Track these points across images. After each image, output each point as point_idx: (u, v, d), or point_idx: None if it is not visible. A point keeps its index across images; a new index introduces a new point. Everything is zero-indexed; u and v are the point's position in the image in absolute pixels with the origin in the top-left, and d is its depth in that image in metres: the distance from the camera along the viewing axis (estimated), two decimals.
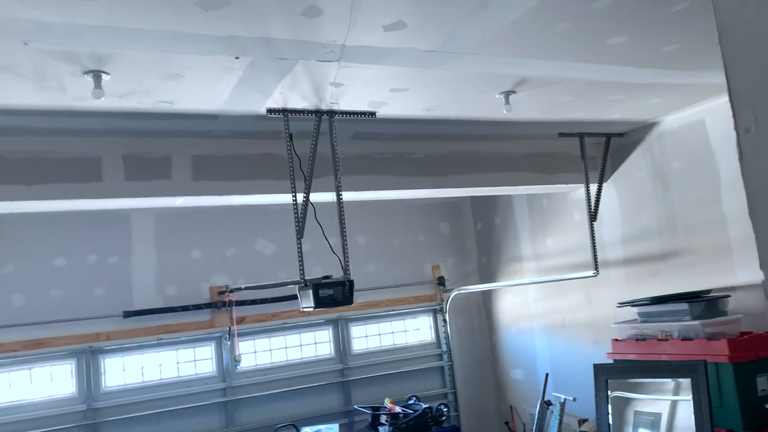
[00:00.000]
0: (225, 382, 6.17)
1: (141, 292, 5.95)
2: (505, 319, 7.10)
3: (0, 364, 5.39)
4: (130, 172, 4.13)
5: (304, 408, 6.33)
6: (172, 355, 6.10)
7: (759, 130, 0.99)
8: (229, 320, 6.17)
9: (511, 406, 6.88)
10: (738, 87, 0.98)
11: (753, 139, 1.00)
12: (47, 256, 5.67)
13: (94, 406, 5.64)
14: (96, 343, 5.71)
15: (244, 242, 6.42)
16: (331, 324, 6.81)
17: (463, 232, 7.59)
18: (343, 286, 3.91)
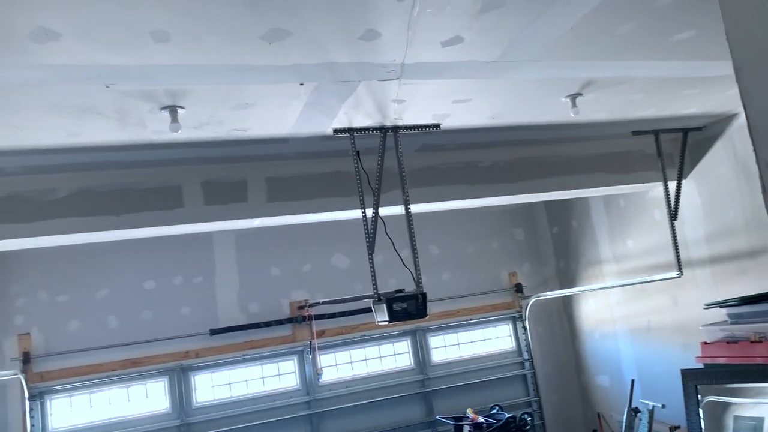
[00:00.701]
0: (309, 395, 6.31)
1: (225, 310, 6.19)
2: (587, 324, 6.92)
3: (100, 383, 5.75)
4: (209, 197, 4.33)
5: (387, 419, 6.39)
6: (257, 370, 6.31)
7: None
8: (310, 334, 6.32)
9: (598, 414, 6.68)
10: (757, 122, 0.94)
11: None
12: (138, 280, 6.00)
13: (187, 420, 5.90)
14: (186, 361, 5.98)
15: (319, 257, 6.57)
16: (409, 335, 6.84)
17: (538, 237, 7.47)
18: (416, 299, 3.93)
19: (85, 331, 5.73)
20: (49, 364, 5.57)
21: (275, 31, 2.48)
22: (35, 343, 5.57)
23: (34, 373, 5.50)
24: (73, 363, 5.62)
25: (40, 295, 5.71)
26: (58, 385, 5.60)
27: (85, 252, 5.82)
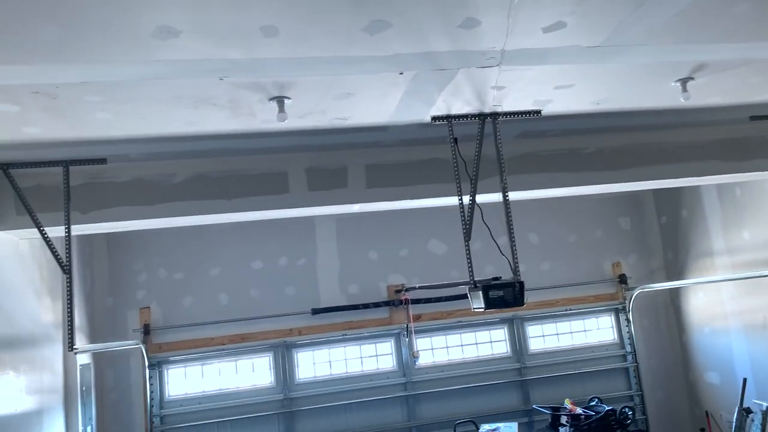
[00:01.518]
0: (405, 376, 6.44)
1: (326, 291, 6.43)
2: (696, 318, 6.59)
3: (211, 355, 6.16)
4: (312, 183, 4.51)
5: (483, 405, 6.41)
6: (356, 350, 6.51)
7: None
8: (406, 317, 6.43)
9: (707, 412, 6.37)
10: None
11: None
12: (246, 260, 6.34)
13: (290, 395, 6.20)
14: (289, 338, 6.28)
15: (416, 243, 6.66)
16: (506, 323, 6.81)
17: (645, 227, 7.17)
18: (513, 288, 3.92)
19: (198, 306, 6.15)
20: (167, 336, 6.03)
21: (376, 23, 2.55)
22: (154, 316, 6.04)
23: (153, 343, 5.98)
24: (188, 336, 6.05)
25: (160, 272, 6.17)
26: (173, 355, 6.06)
27: (199, 233, 6.22)
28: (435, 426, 6.30)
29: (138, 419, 5.88)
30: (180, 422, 5.97)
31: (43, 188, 4.11)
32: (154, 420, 5.89)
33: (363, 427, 6.24)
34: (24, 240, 4.43)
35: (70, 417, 5.03)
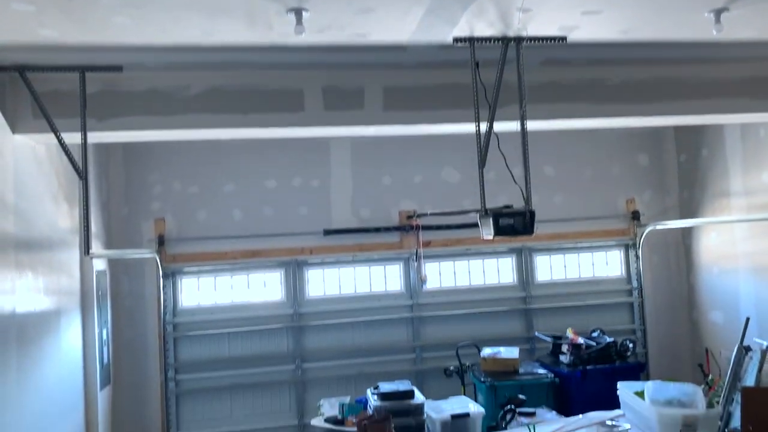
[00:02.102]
0: (412, 299, 6.58)
1: (338, 213, 6.48)
2: (706, 258, 6.60)
3: (224, 269, 6.30)
4: (328, 102, 4.46)
5: (486, 331, 6.55)
6: (365, 272, 6.63)
7: None
8: (416, 243, 6.50)
9: (706, 349, 6.46)
10: None
11: None
12: (260, 178, 6.37)
13: (300, 311, 6.37)
14: (301, 257, 6.38)
15: (430, 170, 6.64)
16: (514, 253, 6.86)
17: (663, 164, 7.08)
18: (524, 216, 3.93)
19: (212, 221, 6.24)
20: (181, 247, 6.15)
21: None
22: (169, 228, 6.15)
23: (167, 254, 6.11)
24: (201, 249, 6.17)
25: (175, 185, 6.22)
26: (187, 266, 6.20)
27: (214, 148, 6.23)
28: (438, 347, 6.47)
29: (151, 325, 6.09)
30: (192, 330, 6.19)
31: (59, 93, 4.10)
32: (167, 327, 6.10)
33: (369, 345, 6.43)
34: (41, 145, 4.46)
35: (87, 319, 5.22)
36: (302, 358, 6.34)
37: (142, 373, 6.06)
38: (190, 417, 6.12)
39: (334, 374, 6.35)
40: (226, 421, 6.16)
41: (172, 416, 6.06)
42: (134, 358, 6.06)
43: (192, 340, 6.19)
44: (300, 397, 6.29)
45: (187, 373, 6.17)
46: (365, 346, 6.43)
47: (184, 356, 6.17)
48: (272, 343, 6.33)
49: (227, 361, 6.20)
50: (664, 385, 4.32)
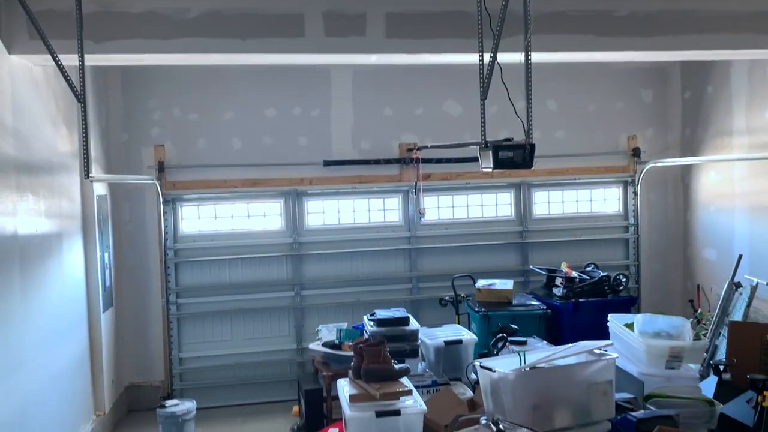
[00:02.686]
0: (410, 231, 6.65)
1: (339, 144, 6.46)
2: (703, 196, 6.63)
3: (224, 197, 6.33)
4: (329, 28, 4.37)
5: (481, 263, 6.66)
6: (364, 203, 6.67)
7: None
8: (416, 176, 6.51)
9: (698, 285, 6.61)
10: None
11: None
12: (260, 106, 6.32)
13: (299, 240, 6.45)
14: (300, 187, 6.41)
15: (432, 102, 6.57)
16: (513, 188, 6.88)
17: (667, 101, 7.00)
18: (524, 150, 3.92)
19: (211, 149, 6.22)
20: (180, 174, 6.16)
21: None
22: (169, 155, 6.14)
23: (167, 181, 6.12)
24: (201, 176, 6.18)
25: (174, 111, 6.18)
26: (187, 194, 6.23)
27: (214, 75, 6.15)
28: (434, 278, 6.59)
29: (152, 251, 6.17)
30: (193, 257, 6.28)
31: (55, 13, 4.01)
32: (168, 253, 6.19)
33: (366, 275, 6.55)
34: (38, 67, 4.41)
35: (89, 243, 5.30)
36: (301, 285, 6.47)
37: (144, 296, 6.19)
38: (191, 339, 6.30)
39: (332, 302, 6.50)
40: (226, 344, 6.34)
41: (173, 338, 6.24)
42: (136, 282, 6.18)
43: (193, 265, 6.29)
44: (299, 323, 6.45)
45: (188, 297, 6.30)
46: (363, 276, 6.55)
47: (185, 281, 6.29)
48: (272, 271, 6.44)
49: (228, 286, 6.33)
50: (653, 318, 4.45)
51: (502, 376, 3.25)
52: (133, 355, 6.17)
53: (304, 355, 6.38)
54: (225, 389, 6.29)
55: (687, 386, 3.95)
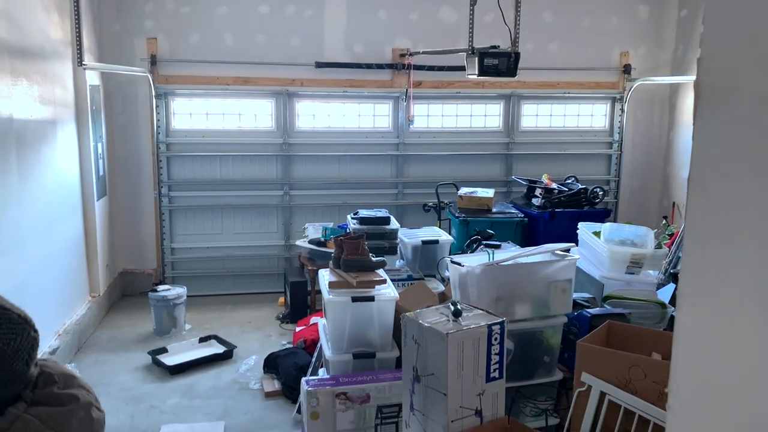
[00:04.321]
0: (399, 138, 6.77)
1: (331, 46, 6.46)
2: (688, 116, 6.75)
3: (215, 94, 6.39)
4: None
5: (466, 172, 6.84)
6: (354, 108, 6.75)
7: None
8: (407, 82, 6.56)
9: (674, 203, 6.85)
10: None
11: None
12: (253, 3, 6.26)
13: (289, 141, 6.58)
14: (292, 87, 6.46)
15: (427, 7, 6.52)
16: (503, 99, 6.96)
17: (663, 19, 6.97)
18: (509, 57, 4.01)
19: (204, 44, 6.22)
20: (173, 69, 6.19)
21: None
22: (161, 48, 6.15)
23: (159, 75, 6.16)
24: (193, 72, 6.22)
25: (167, 3, 6.12)
26: (179, 88, 6.29)
27: None
28: (420, 185, 6.79)
29: (144, 144, 6.30)
30: (184, 151, 6.41)
31: None
32: (160, 146, 6.32)
33: (354, 178, 6.73)
34: None
35: (82, 132, 5.41)
36: (290, 185, 6.65)
37: (137, 188, 6.38)
38: (183, 231, 6.54)
39: (319, 203, 6.71)
40: (217, 237, 6.59)
41: (165, 229, 6.48)
42: (128, 174, 6.34)
43: (184, 160, 6.44)
44: (287, 221, 6.69)
45: (180, 191, 6.49)
46: (350, 179, 6.73)
47: (177, 175, 6.46)
48: (262, 170, 6.60)
49: (219, 182, 6.51)
50: (619, 227, 4.68)
51: (469, 270, 3.50)
52: (127, 243, 6.43)
53: (291, 252, 6.66)
54: (215, 279, 6.61)
55: (644, 290, 4.23)
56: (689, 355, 0.77)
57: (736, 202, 0.73)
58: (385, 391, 3.24)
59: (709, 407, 0.73)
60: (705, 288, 0.77)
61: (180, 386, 4.55)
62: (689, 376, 0.75)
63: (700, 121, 0.76)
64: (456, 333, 2.41)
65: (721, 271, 0.75)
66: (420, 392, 2.54)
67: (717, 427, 0.72)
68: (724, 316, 0.73)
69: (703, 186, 0.78)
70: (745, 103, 0.69)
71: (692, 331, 0.77)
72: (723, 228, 0.75)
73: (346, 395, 3.21)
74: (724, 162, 0.76)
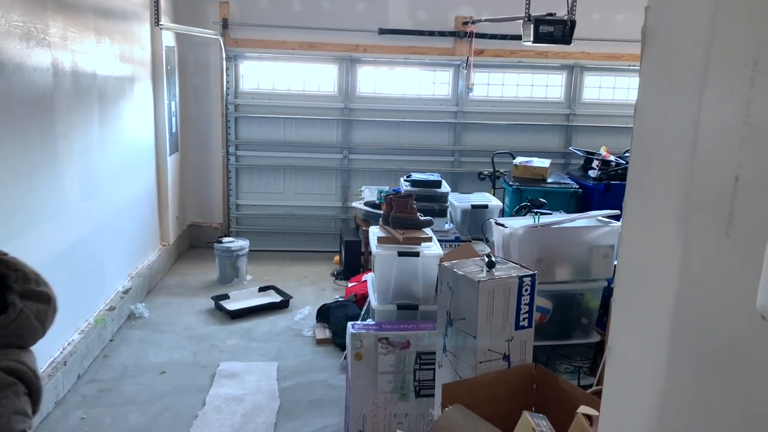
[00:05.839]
0: (457, 106, 6.87)
1: (395, 13, 6.58)
2: None
3: (282, 58, 6.65)
4: None
5: (524, 142, 6.87)
6: (415, 74, 6.87)
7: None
8: (469, 50, 6.62)
9: None
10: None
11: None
12: None
13: (350, 106, 6.78)
14: (355, 53, 6.64)
15: None
16: (565, 69, 6.92)
17: None
18: (564, 25, 4.05)
19: (273, 9, 6.46)
20: (243, 33, 6.47)
21: None
22: (232, 12, 6.43)
23: (230, 38, 6.46)
24: (261, 36, 6.48)
25: None
26: (248, 51, 6.57)
27: None
28: (476, 153, 6.88)
29: (215, 104, 6.64)
30: (251, 113, 6.73)
31: None
32: (228, 107, 6.65)
33: (411, 144, 6.89)
34: None
35: (157, 90, 5.78)
36: (349, 149, 6.88)
37: (206, 146, 6.74)
38: (248, 189, 6.89)
39: (376, 167, 6.91)
40: (279, 196, 6.91)
41: (231, 186, 6.84)
42: (199, 132, 6.71)
43: (251, 121, 6.75)
44: (345, 184, 6.93)
45: (246, 150, 6.82)
46: (407, 145, 6.89)
47: (243, 135, 6.79)
48: (323, 133, 6.84)
49: (282, 144, 6.80)
50: None
51: (512, 231, 3.62)
52: (195, 197, 6.83)
53: (347, 213, 6.91)
54: (276, 236, 6.95)
55: None
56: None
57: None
58: (425, 339, 3.44)
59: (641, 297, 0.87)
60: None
61: (239, 329, 4.89)
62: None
63: (645, 62, 0.89)
64: (487, 281, 2.57)
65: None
66: (452, 335, 2.72)
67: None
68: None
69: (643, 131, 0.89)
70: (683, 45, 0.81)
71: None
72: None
73: (387, 340, 3.43)
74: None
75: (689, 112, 0.72)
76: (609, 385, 0.95)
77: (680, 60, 0.76)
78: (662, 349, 0.79)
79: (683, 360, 0.75)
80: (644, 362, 0.83)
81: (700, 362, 0.72)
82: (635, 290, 0.87)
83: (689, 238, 0.72)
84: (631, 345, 0.87)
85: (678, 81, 0.76)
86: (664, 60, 0.80)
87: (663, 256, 0.77)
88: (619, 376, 0.91)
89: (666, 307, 0.77)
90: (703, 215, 0.70)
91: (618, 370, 0.91)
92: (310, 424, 3.69)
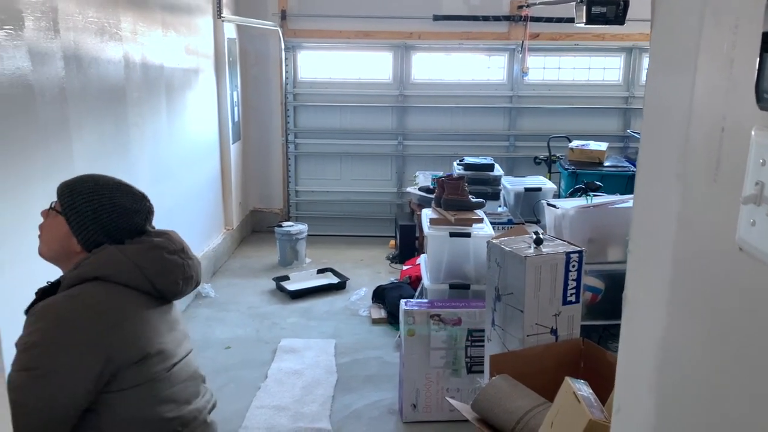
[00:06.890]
0: (512, 90, 6.87)
1: None
2: None
3: (338, 47, 6.81)
4: None
5: (581, 126, 6.81)
6: (469, 59, 6.91)
7: None
8: (524, 34, 6.60)
9: None
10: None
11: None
12: None
13: (405, 93, 6.88)
14: (409, 41, 6.73)
15: None
16: (623, 52, 6.81)
17: None
18: (617, 6, 4.02)
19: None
20: (300, 23, 6.66)
21: None
22: (290, 3, 6.62)
23: (288, 29, 6.66)
24: (318, 26, 6.65)
25: None
26: (306, 42, 6.76)
27: None
28: (531, 138, 6.86)
29: (274, 93, 6.87)
30: (309, 101, 6.92)
31: None
32: (287, 96, 6.87)
33: (465, 129, 6.94)
34: None
35: (220, 80, 6.03)
36: (404, 135, 6.98)
37: (266, 134, 6.99)
38: (306, 175, 7.11)
39: (431, 153, 7.00)
40: (336, 182, 7.10)
41: (291, 172, 7.07)
42: (259, 121, 6.96)
43: (309, 109, 6.95)
44: (400, 169, 7.05)
45: (304, 138, 7.03)
46: (462, 130, 6.94)
47: (302, 123, 7.00)
48: (378, 120, 6.97)
49: (339, 131, 6.97)
50: None
51: (564, 212, 3.66)
52: (257, 184, 7.10)
53: (402, 198, 7.03)
54: (333, 221, 7.15)
55: None
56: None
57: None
58: (476, 317, 3.53)
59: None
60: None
61: (298, 309, 5.10)
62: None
63: (654, 30, 0.96)
64: (534, 257, 2.65)
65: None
66: (500, 309, 2.81)
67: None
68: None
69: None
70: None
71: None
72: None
73: (439, 317, 3.54)
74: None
75: (687, 73, 0.80)
76: (624, 330, 1.04)
77: (680, 26, 0.84)
78: (664, 290, 0.88)
79: (680, 298, 0.84)
80: (650, 304, 0.92)
81: (694, 297, 0.81)
82: (644, 240, 0.96)
83: (685, 185, 0.81)
84: (640, 291, 0.97)
85: (677, 45, 0.85)
86: (667, 27, 0.89)
87: (665, 204, 0.86)
88: (632, 322, 1.00)
89: (667, 251, 0.86)
90: (697, 164, 0.78)
91: (631, 316, 1.00)
92: (366, 397, 3.85)
